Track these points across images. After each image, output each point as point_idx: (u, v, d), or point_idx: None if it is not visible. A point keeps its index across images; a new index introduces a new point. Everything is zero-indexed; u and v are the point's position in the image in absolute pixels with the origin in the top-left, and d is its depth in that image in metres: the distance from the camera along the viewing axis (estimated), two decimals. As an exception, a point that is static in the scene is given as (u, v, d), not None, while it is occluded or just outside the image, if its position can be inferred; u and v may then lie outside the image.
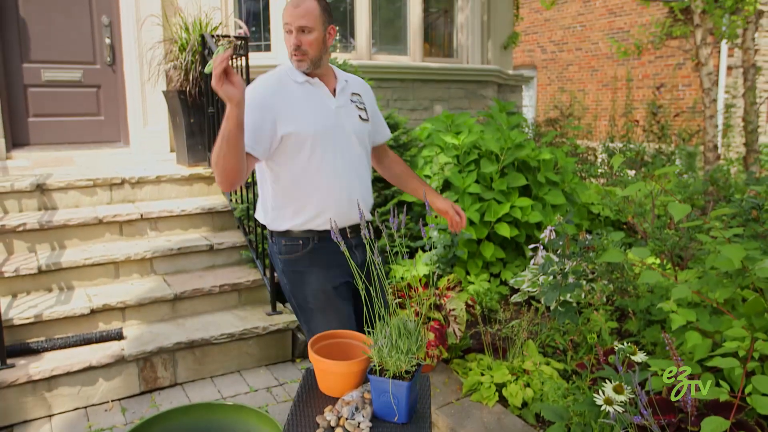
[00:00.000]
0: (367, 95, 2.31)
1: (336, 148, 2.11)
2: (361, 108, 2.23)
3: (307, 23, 2.01)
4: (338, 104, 2.15)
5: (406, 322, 1.82)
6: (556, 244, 2.87)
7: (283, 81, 2.11)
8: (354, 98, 2.22)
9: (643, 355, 2.10)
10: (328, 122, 2.10)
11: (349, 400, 1.76)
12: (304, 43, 2.02)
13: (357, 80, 2.32)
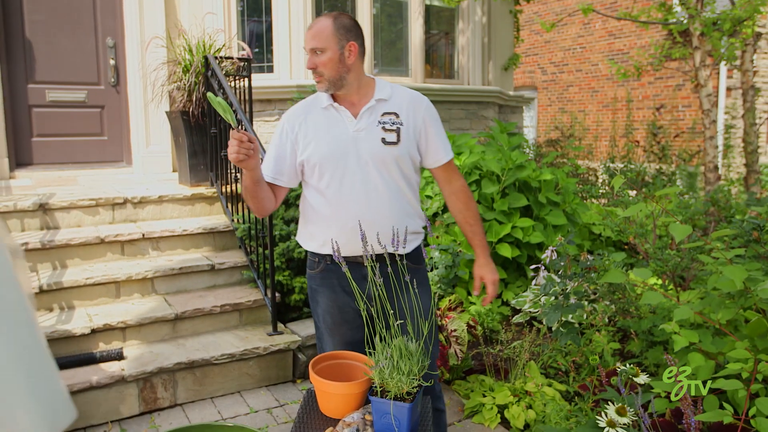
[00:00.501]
0: (411, 114, 2.12)
1: (345, 175, 2.06)
2: (389, 130, 2.08)
3: (318, 44, 2.01)
4: (357, 128, 2.07)
5: (408, 344, 1.82)
6: (557, 265, 2.87)
7: (310, 107, 2.15)
8: (384, 119, 2.09)
9: (645, 376, 2.09)
10: (338, 148, 2.06)
11: (350, 422, 1.75)
12: (319, 64, 2.02)
13: (404, 97, 2.15)
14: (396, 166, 2.08)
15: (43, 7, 5.08)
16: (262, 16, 5.78)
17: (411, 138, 2.10)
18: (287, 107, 5.21)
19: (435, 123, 2.16)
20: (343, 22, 2.05)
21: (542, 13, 13.03)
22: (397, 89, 2.16)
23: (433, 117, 2.16)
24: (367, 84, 2.12)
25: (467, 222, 2.23)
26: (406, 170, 2.11)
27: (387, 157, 2.06)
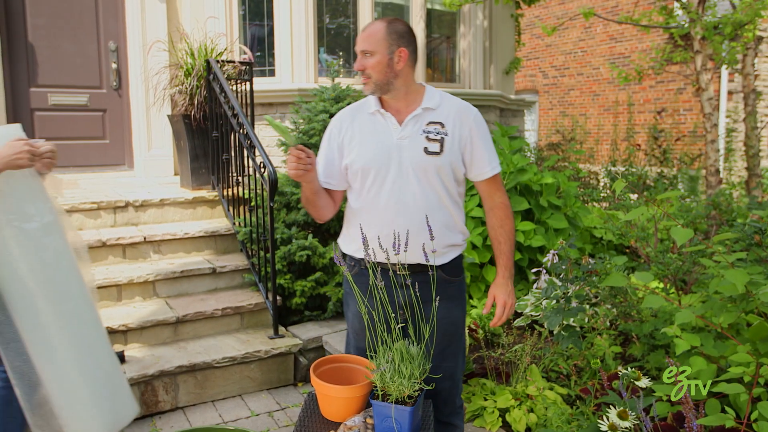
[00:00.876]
0: (457, 124, 2.08)
1: (385, 182, 2.05)
2: (433, 139, 2.04)
3: (368, 47, 2.02)
4: (402, 135, 2.05)
5: (409, 347, 1.82)
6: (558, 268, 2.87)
7: (358, 111, 2.16)
8: (429, 128, 2.06)
9: (647, 380, 2.09)
10: (381, 155, 2.05)
11: (351, 425, 1.75)
12: (367, 66, 2.02)
13: (452, 107, 2.11)
14: (437, 176, 2.05)
15: (46, 11, 5.10)
16: (264, 20, 5.79)
17: (455, 149, 2.06)
18: (289, 111, 5.23)
19: (482, 135, 2.11)
20: (396, 27, 2.04)
21: (543, 16, 13.05)
22: (447, 98, 2.13)
23: (481, 129, 2.11)
24: (415, 91, 2.10)
25: (497, 239, 2.18)
26: (446, 181, 2.07)
27: (428, 167, 2.03)
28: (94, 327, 2.30)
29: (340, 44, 6.11)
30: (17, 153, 2.02)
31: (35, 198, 2.20)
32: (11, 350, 2.14)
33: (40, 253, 2.16)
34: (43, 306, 2.14)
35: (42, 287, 2.14)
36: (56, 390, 2.16)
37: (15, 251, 2.10)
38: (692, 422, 1.62)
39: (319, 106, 4.37)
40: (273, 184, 3.63)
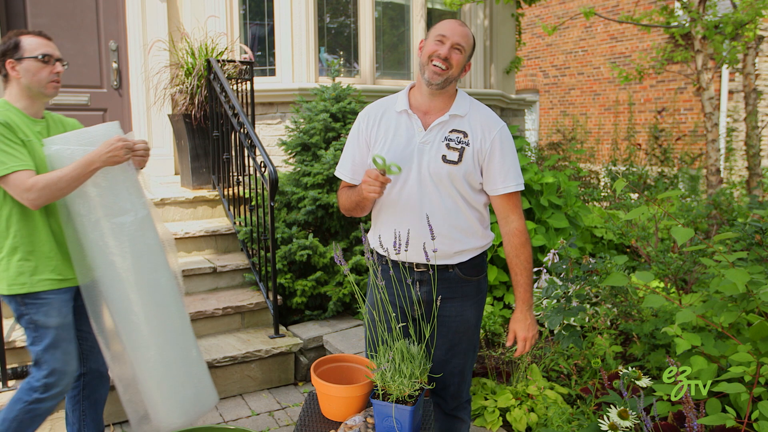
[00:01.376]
0: (480, 136, 2.06)
1: (405, 183, 2.05)
2: (453, 148, 2.03)
3: (464, 44, 2.04)
4: (425, 140, 2.05)
5: (410, 346, 1.82)
6: (559, 268, 2.87)
7: (386, 108, 2.16)
8: (452, 136, 2.05)
9: (647, 379, 2.09)
10: (403, 156, 2.05)
11: (351, 425, 1.75)
12: (453, 59, 2.02)
13: (479, 118, 2.10)
14: (451, 184, 2.04)
15: (47, 11, 5.10)
16: (264, 19, 5.79)
17: (474, 160, 2.05)
18: (289, 110, 5.23)
19: (503, 150, 2.06)
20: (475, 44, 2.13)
21: (544, 16, 13.04)
22: (476, 107, 2.12)
23: (504, 144, 2.07)
24: (450, 97, 2.11)
25: (513, 270, 2.13)
26: (462, 190, 2.05)
27: (443, 175, 2.03)
28: (180, 317, 2.45)
29: (340, 44, 6.11)
30: (113, 149, 2.16)
31: (131, 193, 2.31)
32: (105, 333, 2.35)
33: (134, 246, 2.28)
34: (135, 296, 2.28)
35: (134, 278, 2.28)
36: (142, 375, 2.32)
37: (111, 243, 2.24)
38: (693, 422, 1.62)
39: (320, 106, 4.37)
40: (273, 183, 3.63)
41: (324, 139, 4.30)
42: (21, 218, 2.22)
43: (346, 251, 4.18)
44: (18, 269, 2.22)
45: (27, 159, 2.17)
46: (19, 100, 2.29)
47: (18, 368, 3.13)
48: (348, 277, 3.93)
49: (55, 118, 2.48)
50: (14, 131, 2.18)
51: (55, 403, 2.32)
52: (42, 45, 2.28)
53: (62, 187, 2.14)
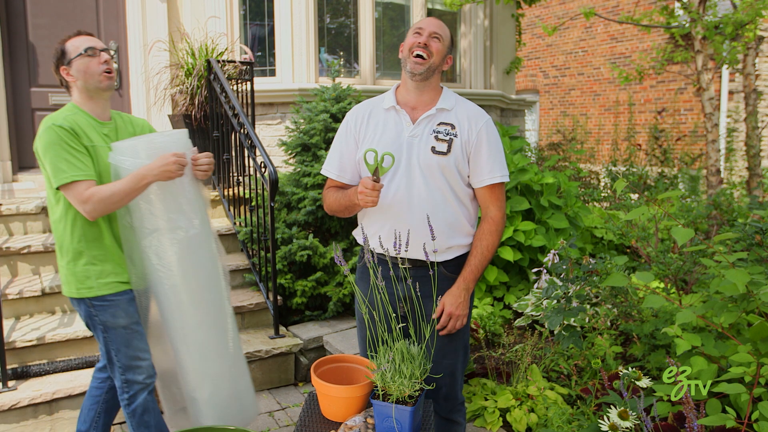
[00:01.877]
0: (467, 128, 2.10)
1: (393, 178, 2.08)
2: (442, 140, 2.07)
3: (441, 33, 2.09)
4: (413, 133, 2.09)
5: (410, 347, 1.82)
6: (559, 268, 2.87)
7: (374, 106, 2.20)
8: (439, 128, 2.09)
9: (648, 380, 2.09)
10: (392, 151, 2.06)
11: (352, 425, 1.75)
12: (433, 47, 2.07)
13: (465, 111, 2.14)
14: (441, 176, 2.06)
15: (47, 11, 5.10)
16: (265, 19, 5.80)
17: (463, 152, 2.08)
18: (289, 111, 5.23)
19: (489, 142, 2.10)
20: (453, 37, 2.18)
21: (544, 16, 13.04)
22: (462, 102, 2.17)
23: (490, 136, 2.11)
24: (436, 90, 2.15)
25: (472, 252, 2.13)
26: (452, 182, 2.08)
27: (433, 166, 2.05)
28: (229, 332, 2.49)
29: (340, 44, 6.11)
30: (165, 165, 2.17)
31: (186, 208, 2.33)
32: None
33: (193, 258, 2.34)
34: (189, 309, 2.34)
35: (189, 291, 2.33)
36: (187, 384, 2.39)
37: (171, 256, 2.28)
38: (693, 422, 1.62)
39: (320, 106, 4.37)
40: (274, 183, 3.63)
41: (324, 140, 4.30)
42: (85, 223, 2.26)
43: (347, 251, 4.18)
44: (84, 273, 2.27)
45: (88, 168, 2.19)
46: (83, 103, 2.32)
47: (18, 368, 3.13)
48: (348, 278, 3.93)
49: (124, 119, 2.49)
50: (78, 137, 2.20)
51: (150, 391, 2.40)
52: (83, 41, 2.29)
53: (116, 201, 2.18)
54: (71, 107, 2.30)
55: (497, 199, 2.14)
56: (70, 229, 2.26)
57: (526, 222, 4.14)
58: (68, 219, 2.26)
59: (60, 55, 2.29)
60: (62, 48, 2.29)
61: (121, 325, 2.32)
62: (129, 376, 2.34)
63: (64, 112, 2.26)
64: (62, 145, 2.15)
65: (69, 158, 2.15)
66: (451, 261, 2.13)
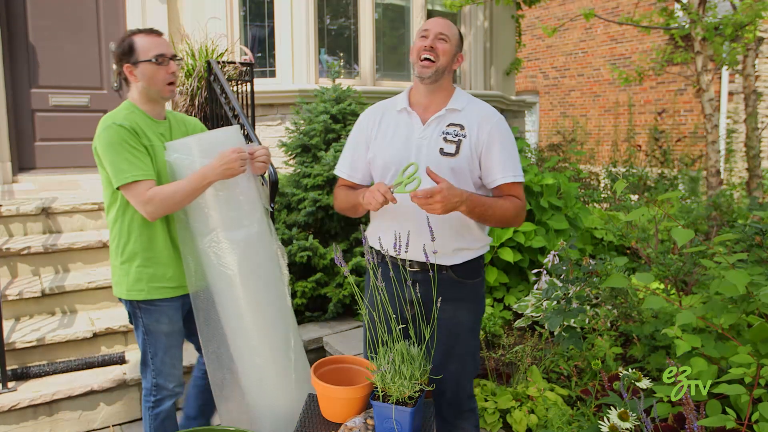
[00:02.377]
0: (477, 128, 2.05)
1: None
2: (450, 141, 2.04)
3: (448, 33, 2.06)
4: (423, 135, 2.07)
5: (410, 348, 1.82)
6: (559, 269, 2.87)
7: (387, 108, 2.19)
8: (449, 129, 2.06)
9: (648, 381, 2.09)
10: (401, 153, 2.07)
11: (351, 426, 1.75)
12: (439, 48, 2.05)
13: (476, 111, 2.09)
14: (451, 177, 2.01)
15: (47, 13, 5.10)
16: (265, 20, 5.80)
17: (472, 152, 2.04)
18: (289, 112, 5.24)
19: (501, 142, 2.05)
20: (461, 35, 2.15)
21: (544, 17, 13.05)
22: (473, 102, 2.13)
23: (502, 135, 2.05)
24: (448, 91, 2.13)
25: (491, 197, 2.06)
26: (463, 183, 2.03)
27: (443, 168, 2.01)
28: (290, 334, 2.43)
29: (340, 45, 6.11)
30: (227, 162, 2.12)
31: (246, 206, 2.30)
32: (214, 342, 2.37)
33: (253, 257, 2.29)
34: (247, 310, 2.29)
35: (248, 292, 2.28)
36: (247, 385, 2.35)
37: (230, 256, 2.24)
38: (693, 423, 1.62)
39: (320, 107, 4.37)
40: (274, 184, 3.63)
41: (324, 141, 4.30)
42: (142, 224, 2.24)
43: (346, 252, 4.17)
44: (137, 275, 2.26)
45: (148, 168, 2.17)
46: (141, 102, 2.31)
47: (18, 369, 3.13)
48: (348, 279, 3.93)
49: (177, 118, 2.47)
50: (138, 137, 2.19)
51: (173, 402, 2.41)
52: (155, 45, 2.24)
53: (178, 201, 2.15)
54: (129, 105, 2.30)
55: (516, 196, 2.08)
56: (126, 229, 2.25)
57: (526, 223, 4.14)
58: (125, 220, 2.25)
59: (127, 51, 2.23)
60: (131, 44, 2.23)
61: (163, 331, 2.32)
62: (160, 381, 2.35)
63: (122, 111, 2.26)
64: (123, 144, 2.14)
65: (130, 158, 2.13)
66: (461, 265, 2.09)
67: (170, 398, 2.38)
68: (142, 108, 2.31)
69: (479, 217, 2.00)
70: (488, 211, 1.99)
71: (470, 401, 2.24)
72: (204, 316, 2.34)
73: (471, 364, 2.19)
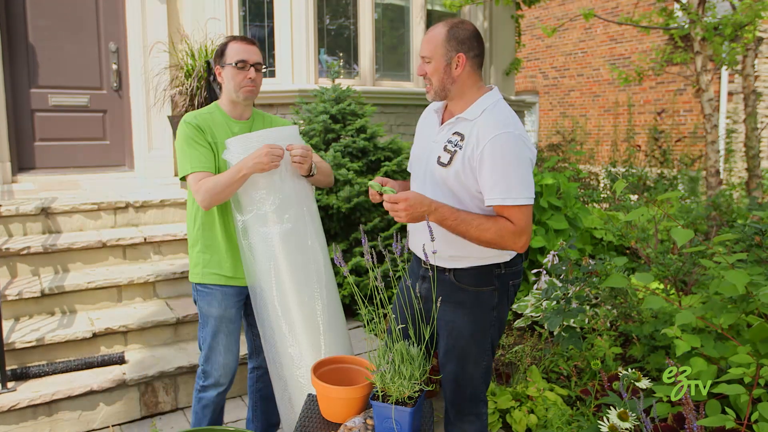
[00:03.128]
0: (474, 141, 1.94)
1: (416, 180, 2.14)
2: (449, 150, 1.99)
3: (427, 53, 2.02)
4: (436, 139, 2.08)
5: (409, 348, 1.82)
6: (559, 269, 2.87)
7: (433, 106, 2.23)
8: (453, 138, 2.00)
9: (647, 381, 2.09)
10: (421, 154, 2.13)
11: (351, 426, 1.75)
12: (427, 72, 2.03)
13: (482, 123, 1.95)
14: (445, 186, 2.00)
15: (47, 13, 5.10)
16: (264, 21, 5.80)
17: (465, 166, 1.95)
18: (289, 112, 5.23)
19: (493, 160, 1.89)
20: (457, 32, 1.99)
21: (543, 17, 13.05)
22: (489, 113, 1.98)
23: (495, 153, 1.88)
24: (471, 97, 2.03)
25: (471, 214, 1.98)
26: (459, 193, 1.99)
27: (437, 176, 2.02)
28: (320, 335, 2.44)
29: (340, 45, 6.11)
30: (257, 157, 2.21)
31: (288, 200, 2.35)
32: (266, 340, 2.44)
33: (284, 256, 2.34)
34: (294, 306, 2.34)
35: (295, 285, 2.34)
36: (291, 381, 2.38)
37: (261, 253, 2.32)
38: (693, 423, 1.62)
39: (320, 107, 4.37)
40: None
41: (324, 141, 4.30)
42: (204, 213, 2.42)
43: (346, 252, 4.18)
44: (196, 259, 2.46)
45: (205, 161, 2.33)
46: (224, 103, 2.48)
47: (17, 370, 3.13)
48: (348, 279, 3.93)
49: (265, 120, 2.59)
50: (203, 133, 2.36)
51: (217, 393, 2.51)
52: (240, 51, 2.38)
53: (219, 192, 2.26)
54: (212, 106, 2.48)
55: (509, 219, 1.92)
56: (193, 217, 2.46)
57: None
58: (193, 208, 2.45)
59: (219, 54, 2.42)
60: (224, 48, 2.41)
61: (213, 314, 2.45)
62: (206, 367, 2.49)
63: (201, 110, 2.46)
64: (187, 140, 2.33)
65: (191, 152, 2.32)
66: (462, 271, 2.06)
67: (214, 388, 2.50)
68: (224, 108, 2.47)
69: (453, 231, 1.94)
70: (461, 226, 1.92)
71: (474, 405, 2.18)
72: (256, 309, 2.45)
73: (471, 369, 2.12)
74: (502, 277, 2.09)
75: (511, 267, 2.10)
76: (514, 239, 1.92)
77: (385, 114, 5.81)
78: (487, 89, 2.07)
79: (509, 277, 2.11)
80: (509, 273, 2.10)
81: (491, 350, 2.16)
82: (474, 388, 2.16)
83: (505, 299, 2.13)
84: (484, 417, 2.21)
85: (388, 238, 4.12)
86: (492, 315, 2.10)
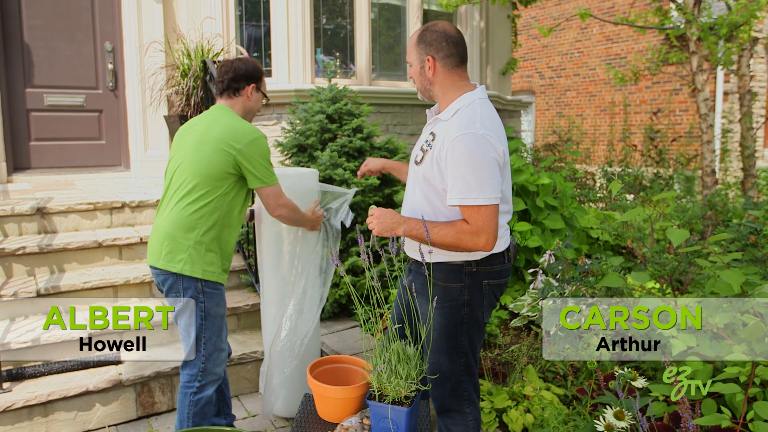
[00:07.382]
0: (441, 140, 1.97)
1: (408, 178, 2.22)
2: (424, 150, 2.05)
3: (408, 57, 2.14)
4: (421, 138, 2.17)
5: (406, 347, 1.82)
6: (555, 269, 2.87)
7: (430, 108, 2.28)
8: (428, 137, 2.05)
9: (643, 380, 2.10)
10: (412, 152, 2.18)
11: (348, 426, 1.75)
12: (410, 75, 2.15)
13: (454, 123, 1.97)
14: (419, 185, 2.08)
15: (42, 12, 5.08)
16: (261, 20, 5.79)
17: (433, 164, 1.99)
18: (285, 111, 5.23)
19: (454, 160, 1.91)
20: (425, 35, 2.05)
21: (540, 17, 13.07)
22: (459, 114, 1.99)
23: (456, 153, 1.90)
24: (450, 97, 2.05)
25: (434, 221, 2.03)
26: (428, 192, 2.04)
27: (415, 174, 2.11)
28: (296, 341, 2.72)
29: (336, 45, 6.11)
30: (315, 219, 2.80)
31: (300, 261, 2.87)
32: None
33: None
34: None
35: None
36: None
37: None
38: (688, 422, 1.62)
39: (316, 107, 4.36)
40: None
41: (320, 140, 4.29)
42: (225, 215, 2.53)
43: (343, 252, 4.17)
44: (210, 259, 2.51)
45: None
46: (239, 111, 2.67)
47: (13, 370, 3.12)
48: (344, 279, 3.93)
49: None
50: None
51: (215, 387, 2.58)
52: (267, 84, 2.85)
53: (297, 220, 2.70)
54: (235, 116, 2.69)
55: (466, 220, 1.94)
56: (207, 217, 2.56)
57: (522, 223, 4.14)
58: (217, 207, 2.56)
59: (258, 77, 2.66)
60: (262, 75, 2.70)
61: (220, 314, 2.55)
62: (209, 365, 2.52)
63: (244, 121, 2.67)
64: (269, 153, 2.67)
65: (271, 164, 2.62)
66: (435, 265, 2.06)
67: (213, 384, 2.55)
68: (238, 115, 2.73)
69: (419, 240, 1.99)
70: (424, 236, 1.96)
71: (455, 401, 2.14)
72: None
73: (448, 362, 2.09)
74: (473, 275, 2.07)
75: (486, 266, 2.07)
76: (473, 239, 1.92)
77: (381, 114, 5.82)
78: (469, 89, 2.06)
79: (483, 276, 2.08)
80: (483, 272, 2.08)
81: (469, 348, 2.11)
82: (454, 383, 2.12)
83: (480, 298, 2.09)
84: (469, 417, 2.16)
85: (385, 237, 4.11)
86: (462, 312, 2.08)
